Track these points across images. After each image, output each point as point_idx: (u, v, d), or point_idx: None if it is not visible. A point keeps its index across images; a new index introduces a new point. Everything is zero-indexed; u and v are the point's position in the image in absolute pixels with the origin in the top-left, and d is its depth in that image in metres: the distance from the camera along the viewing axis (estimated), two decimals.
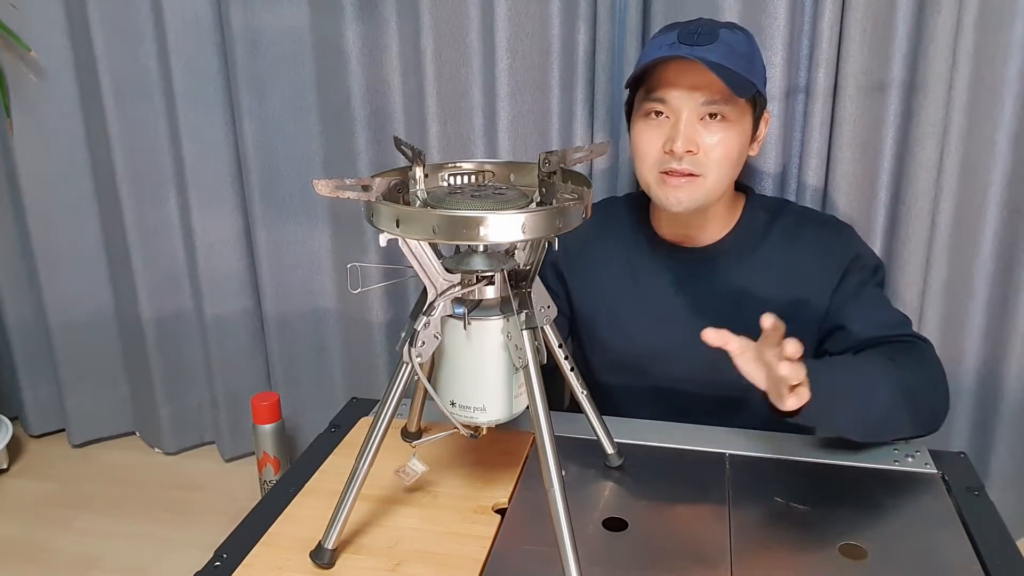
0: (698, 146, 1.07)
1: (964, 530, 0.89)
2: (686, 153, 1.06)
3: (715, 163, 1.08)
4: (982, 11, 1.34)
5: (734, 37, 1.08)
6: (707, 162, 1.07)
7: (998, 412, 1.52)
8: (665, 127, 1.08)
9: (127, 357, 2.05)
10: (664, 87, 1.07)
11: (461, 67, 1.58)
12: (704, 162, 1.07)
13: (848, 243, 1.18)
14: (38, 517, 1.81)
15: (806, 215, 1.24)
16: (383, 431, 0.85)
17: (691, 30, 1.06)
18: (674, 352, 1.18)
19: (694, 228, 1.18)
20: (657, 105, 1.08)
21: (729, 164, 1.09)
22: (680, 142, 1.05)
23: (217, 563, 0.86)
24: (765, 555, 0.86)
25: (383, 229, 0.75)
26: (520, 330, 0.80)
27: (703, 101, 1.05)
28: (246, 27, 1.66)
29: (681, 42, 1.05)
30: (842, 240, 1.18)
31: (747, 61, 1.07)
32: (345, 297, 1.86)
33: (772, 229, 1.19)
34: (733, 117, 1.07)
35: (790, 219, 1.20)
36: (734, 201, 1.20)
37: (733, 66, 1.04)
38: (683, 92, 1.06)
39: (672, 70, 1.06)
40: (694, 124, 1.07)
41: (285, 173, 1.78)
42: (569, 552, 0.76)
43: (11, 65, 1.79)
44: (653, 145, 1.09)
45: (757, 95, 1.10)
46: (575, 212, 0.75)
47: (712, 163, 1.08)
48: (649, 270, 1.21)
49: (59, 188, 1.89)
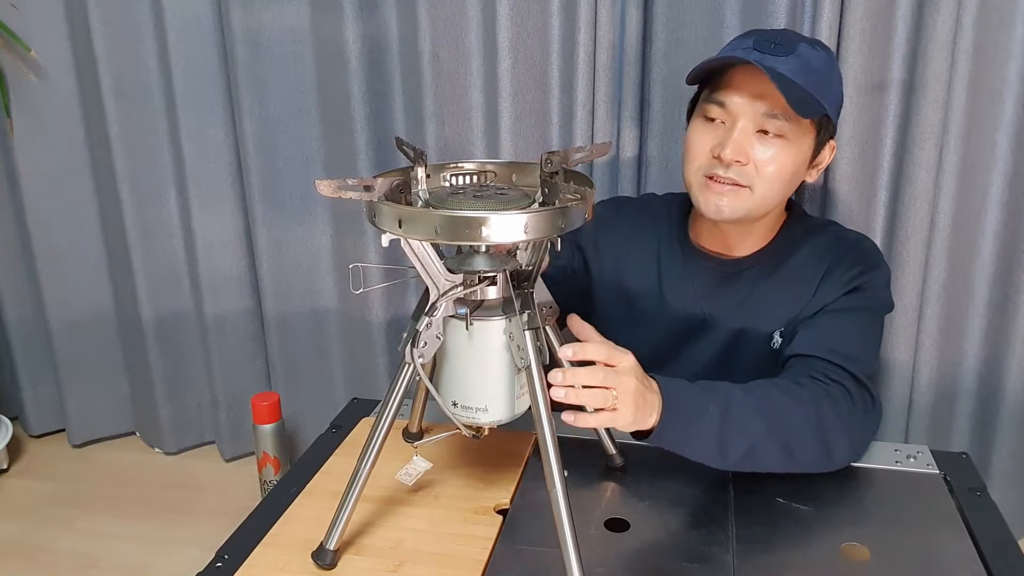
0: (748, 157, 1.01)
1: (966, 530, 0.89)
2: (735, 162, 1.01)
3: (764, 179, 1.02)
4: (982, 11, 1.34)
5: (814, 54, 1.01)
6: (755, 176, 1.02)
7: (999, 412, 1.52)
8: (720, 132, 1.03)
9: (127, 357, 2.05)
10: (726, 90, 1.02)
11: (461, 67, 1.58)
12: (752, 175, 1.02)
13: (865, 272, 1.07)
14: (38, 517, 1.80)
15: (840, 237, 1.13)
16: (385, 432, 0.85)
17: (769, 38, 1.01)
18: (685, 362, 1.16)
19: (733, 240, 1.13)
20: (716, 108, 1.03)
21: (780, 183, 1.03)
22: (729, 149, 1.00)
23: (219, 564, 0.86)
24: (767, 556, 0.86)
25: (385, 229, 0.75)
26: (522, 330, 0.79)
27: (763, 112, 1.00)
28: (246, 27, 1.66)
29: (756, 48, 1.00)
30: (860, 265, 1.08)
31: (822, 80, 1.01)
32: (345, 297, 1.86)
33: (800, 248, 1.12)
34: (792, 136, 1.01)
35: (822, 239, 1.12)
36: (778, 219, 1.14)
37: (803, 83, 0.98)
38: (744, 99, 1.00)
39: (739, 74, 1.01)
40: (749, 134, 1.01)
41: (285, 173, 1.78)
42: (571, 553, 0.76)
43: (11, 65, 1.79)
44: (703, 147, 1.04)
45: (824, 119, 1.03)
46: (577, 212, 0.75)
47: (761, 178, 1.02)
48: (675, 277, 1.16)
49: (59, 188, 1.89)
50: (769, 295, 1.11)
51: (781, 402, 0.94)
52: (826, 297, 1.07)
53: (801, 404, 0.94)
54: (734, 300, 1.13)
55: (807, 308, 1.07)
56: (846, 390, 0.98)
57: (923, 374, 1.54)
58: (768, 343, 1.10)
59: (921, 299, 1.49)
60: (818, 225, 1.15)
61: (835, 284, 1.07)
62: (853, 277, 1.06)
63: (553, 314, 0.88)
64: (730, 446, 0.90)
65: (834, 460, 0.97)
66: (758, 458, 0.92)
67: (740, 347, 1.13)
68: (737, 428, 0.90)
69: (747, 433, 0.91)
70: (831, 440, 0.95)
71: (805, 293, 1.08)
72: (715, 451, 0.90)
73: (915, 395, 1.55)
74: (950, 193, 1.44)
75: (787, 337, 1.09)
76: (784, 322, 1.09)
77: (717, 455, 0.91)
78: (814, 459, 0.96)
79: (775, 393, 0.95)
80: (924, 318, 1.51)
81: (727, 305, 1.13)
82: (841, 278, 1.07)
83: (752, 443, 0.91)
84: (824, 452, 0.96)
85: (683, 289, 1.15)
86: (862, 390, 0.99)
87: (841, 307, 1.06)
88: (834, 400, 0.96)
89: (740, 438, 0.91)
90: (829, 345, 1.01)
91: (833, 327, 1.05)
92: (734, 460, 0.92)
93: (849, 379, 0.99)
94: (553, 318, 0.88)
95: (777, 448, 0.92)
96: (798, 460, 0.95)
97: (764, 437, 0.92)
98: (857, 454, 1.01)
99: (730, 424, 0.90)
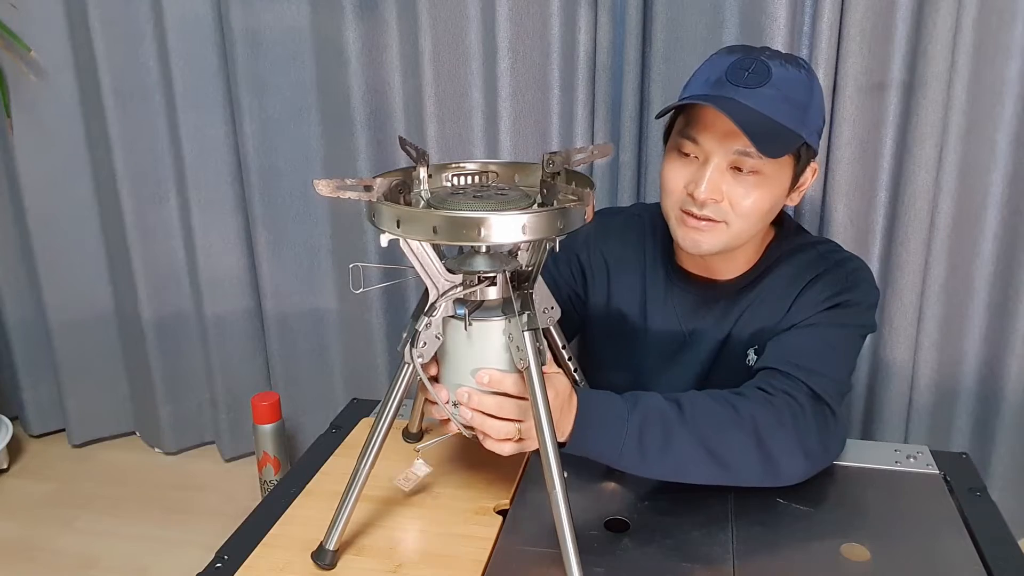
0: (722, 195, 0.98)
1: (966, 530, 0.89)
2: (709, 200, 0.98)
3: (739, 215, 0.99)
4: (982, 11, 1.34)
5: (789, 77, 0.96)
6: (731, 212, 0.99)
7: (999, 412, 1.52)
8: (693, 167, 0.99)
9: (127, 357, 2.05)
10: (698, 127, 0.97)
11: (461, 67, 1.58)
12: (727, 211, 0.99)
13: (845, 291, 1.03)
14: (38, 517, 1.81)
15: (825, 256, 1.08)
16: (384, 432, 0.85)
17: (743, 66, 0.96)
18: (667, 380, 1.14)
19: (715, 265, 1.10)
20: (689, 144, 0.99)
21: (756, 217, 1.00)
22: (703, 189, 0.97)
23: (218, 564, 0.85)
24: (767, 556, 0.86)
25: (384, 229, 0.75)
26: (522, 331, 0.79)
27: (735, 151, 0.95)
28: (246, 27, 1.66)
29: (728, 80, 0.95)
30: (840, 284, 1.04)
31: (799, 109, 0.96)
32: (345, 297, 1.86)
33: (782, 266, 1.08)
34: (769, 171, 0.97)
35: (806, 257, 1.08)
36: (763, 241, 1.10)
37: (779, 116, 0.94)
38: (715, 138, 0.96)
39: (710, 111, 0.95)
40: (723, 171, 0.97)
41: (285, 173, 1.78)
42: (571, 553, 0.76)
43: (11, 65, 1.79)
44: (678, 183, 1.01)
45: (804, 146, 0.99)
46: (577, 213, 0.75)
47: (736, 215, 0.99)
48: (659, 300, 1.14)
49: (59, 188, 1.89)
50: (748, 314, 1.09)
51: (711, 411, 0.91)
52: (800, 314, 1.03)
53: (735, 413, 0.91)
54: (714, 320, 1.11)
55: (781, 324, 1.05)
56: (794, 400, 0.94)
57: (923, 374, 1.54)
58: (744, 361, 1.09)
59: (921, 299, 1.48)
60: (808, 244, 1.10)
61: (811, 302, 1.03)
62: (831, 296, 1.03)
63: (554, 315, 0.88)
64: (651, 454, 0.88)
65: (781, 474, 0.93)
66: (687, 468, 0.90)
67: (720, 366, 1.11)
68: (658, 436, 0.88)
69: (670, 441, 0.88)
70: (774, 452, 0.91)
71: (780, 310, 1.06)
72: (638, 460, 0.88)
73: (915, 395, 1.55)
74: (950, 193, 1.44)
75: (760, 354, 1.06)
76: (759, 340, 1.07)
77: (640, 463, 0.89)
78: (754, 471, 0.92)
79: (705, 402, 0.92)
80: (924, 318, 1.51)
81: (708, 325, 1.11)
82: (818, 296, 1.03)
83: (678, 451, 0.89)
84: (766, 464, 0.91)
85: (666, 310, 1.14)
86: (818, 403, 0.95)
87: (812, 323, 1.02)
88: (776, 410, 0.92)
89: (663, 446, 0.88)
90: (790, 358, 0.98)
91: (798, 341, 1.01)
92: (661, 470, 0.90)
93: (803, 391, 0.94)
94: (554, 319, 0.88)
95: (705, 456, 0.89)
96: (735, 471, 0.91)
97: (689, 445, 0.89)
98: (813, 468, 0.95)
99: (650, 432, 0.88)
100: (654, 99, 1.52)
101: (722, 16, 1.42)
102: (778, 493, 0.95)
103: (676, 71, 1.48)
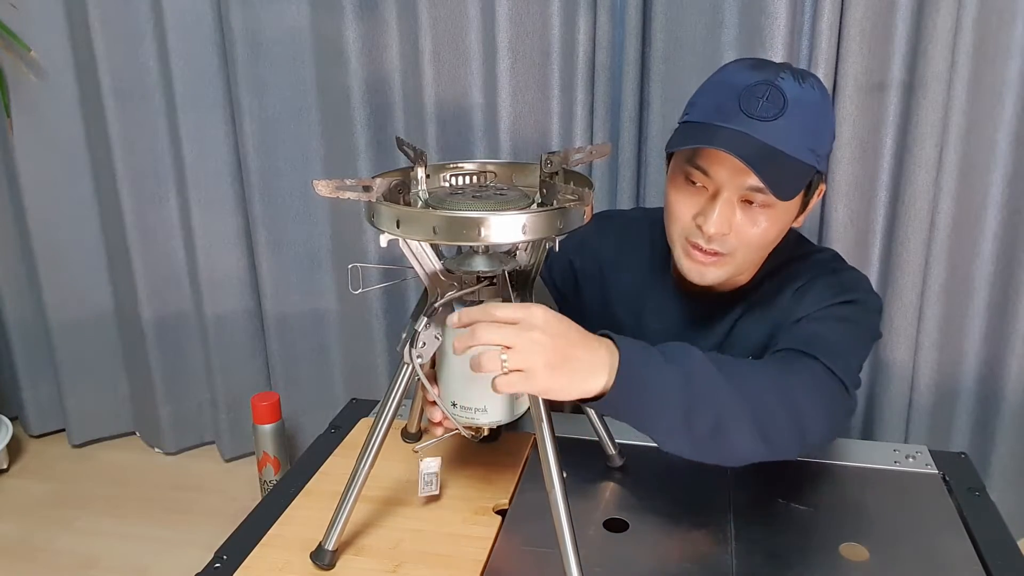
0: (731, 227, 0.95)
1: (965, 530, 0.89)
2: (718, 234, 0.95)
3: (746, 245, 0.97)
4: (982, 11, 1.34)
5: (804, 101, 0.92)
6: (738, 244, 0.96)
7: (999, 412, 1.52)
8: (702, 197, 0.96)
9: (127, 357, 2.05)
10: (708, 159, 0.93)
11: (461, 67, 1.58)
12: (734, 244, 0.96)
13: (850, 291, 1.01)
14: (38, 517, 1.81)
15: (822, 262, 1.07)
16: (384, 432, 0.85)
17: (757, 94, 0.91)
18: None
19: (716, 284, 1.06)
20: (698, 174, 0.95)
21: (764, 246, 0.98)
22: (713, 224, 0.94)
23: (217, 564, 0.85)
24: (766, 556, 0.86)
25: (383, 230, 0.75)
26: None
27: (747, 187, 0.92)
28: (246, 27, 1.66)
29: (742, 109, 0.91)
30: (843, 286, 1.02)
31: (813, 136, 0.93)
32: (345, 297, 1.86)
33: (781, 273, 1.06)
34: (780, 204, 0.94)
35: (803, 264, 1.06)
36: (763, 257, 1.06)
37: (793, 150, 0.91)
38: (727, 172, 0.92)
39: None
40: (732, 204, 0.94)
41: (285, 173, 1.78)
42: (570, 553, 0.76)
43: (11, 65, 1.79)
44: (686, 213, 0.98)
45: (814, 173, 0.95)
46: (576, 213, 0.75)
47: (743, 245, 0.97)
48: (656, 307, 1.13)
49: (59, 188, 1.89)
50: (745, 322, 1.08)
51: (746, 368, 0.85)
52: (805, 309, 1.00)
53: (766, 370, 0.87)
54: (712, 331, 1.10)
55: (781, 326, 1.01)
56: (810, 368, 0.89)
57: (923, 374, 1.54)
58: None
59: (921, 299, 1.48)
60: (807, 253, 1.09)
61: (814, 300, 1.00)
62: (835, 294, 1.00)
63: None
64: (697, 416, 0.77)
65: (808, 435, 0.85)
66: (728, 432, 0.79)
67: None
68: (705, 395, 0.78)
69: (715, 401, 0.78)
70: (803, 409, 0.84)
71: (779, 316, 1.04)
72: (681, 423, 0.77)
73: (915, 395, 1.55)
74: (950, 193, 1.44)
75: None
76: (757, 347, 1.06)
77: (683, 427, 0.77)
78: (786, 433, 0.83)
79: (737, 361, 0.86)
80: (924, 318, 1.51)
81: (705, 332, 1.10)
82: (820, 296, 1.00)
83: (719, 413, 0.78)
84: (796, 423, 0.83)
85: (663, 316, 1.13)
86: (832, 377, 0.89)
87: (823, 315, 0.98)
88: (798, 372, 0.87)
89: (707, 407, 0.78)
90: (803, 341, 0.93)
91: (809, 328, 0.97)
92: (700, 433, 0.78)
93: (818, 365, 0.89)
94: None
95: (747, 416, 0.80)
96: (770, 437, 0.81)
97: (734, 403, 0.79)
98: (832, 433, 0.92)
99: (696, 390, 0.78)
100: (653, 99, 1.52)
101: (722, 16, 1.42)
102: (778, 493, 0.95)
103: (676, 71, 1.48)
